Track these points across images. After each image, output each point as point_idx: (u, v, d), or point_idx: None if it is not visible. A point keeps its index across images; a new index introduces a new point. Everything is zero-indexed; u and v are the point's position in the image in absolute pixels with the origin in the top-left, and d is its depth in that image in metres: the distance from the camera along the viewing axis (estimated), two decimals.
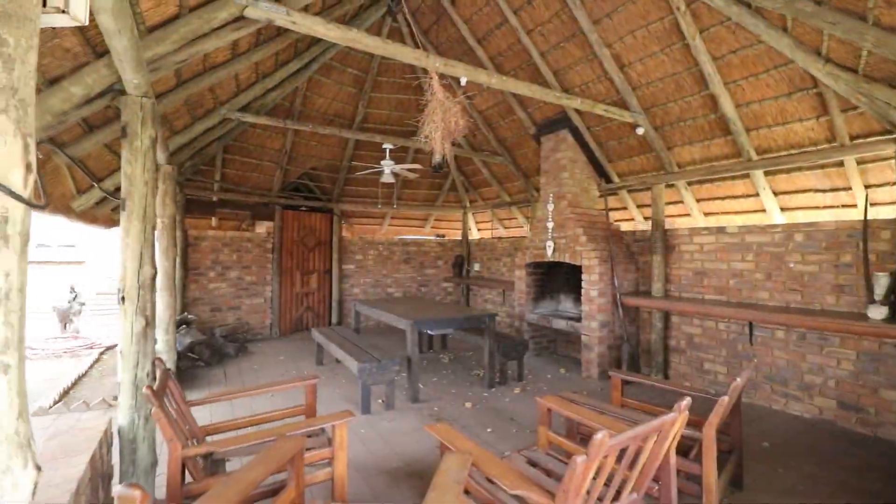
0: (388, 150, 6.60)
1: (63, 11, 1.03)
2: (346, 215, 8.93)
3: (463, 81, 4.08)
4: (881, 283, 3.56)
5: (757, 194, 5.00)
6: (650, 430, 1.83)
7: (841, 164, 4.23)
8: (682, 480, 2.43)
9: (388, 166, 6.33)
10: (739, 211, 5.32)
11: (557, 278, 6.73)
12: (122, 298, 2.49)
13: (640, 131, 5.39)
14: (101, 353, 6.03)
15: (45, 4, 0.94)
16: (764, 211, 5.05)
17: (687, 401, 1.95)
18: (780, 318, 4.01)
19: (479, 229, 10.00)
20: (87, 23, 1.06)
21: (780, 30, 3.74)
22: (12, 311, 0.74)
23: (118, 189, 4.55)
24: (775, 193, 4.89)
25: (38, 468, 0.80)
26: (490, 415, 4.21)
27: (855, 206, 4.35)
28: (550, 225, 6.12)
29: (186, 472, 2.18)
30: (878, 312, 3.49)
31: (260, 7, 2.98)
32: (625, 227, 6.64)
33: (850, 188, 4.31)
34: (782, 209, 4.92)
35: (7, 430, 0.70)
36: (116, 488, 1.19)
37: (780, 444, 3.59)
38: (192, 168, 6.65)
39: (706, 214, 5.71)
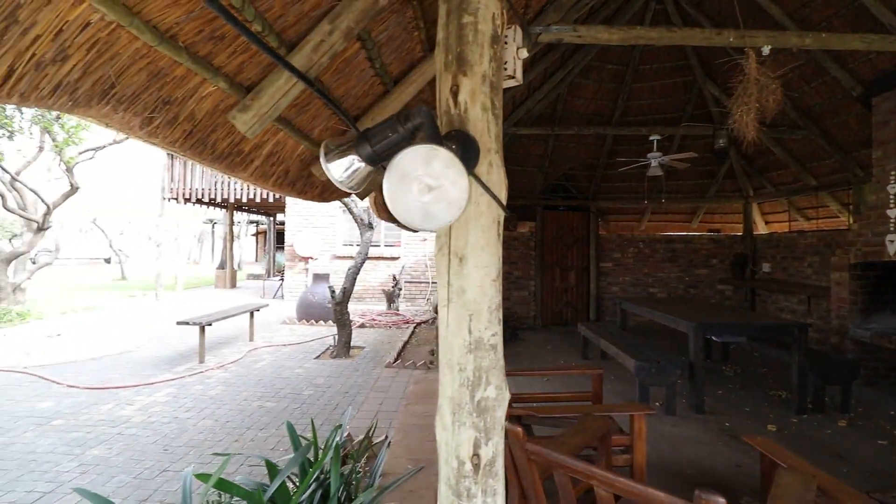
0: (655, 142, 6.25)
1: (512, 77, 1.50)
2: (602, 213, 8.85)
3: (765, 51, 3.53)
4: None
5: None
6: None
7: None
8: None
9: (655, 158, 6.01)
10: None
11: None
12: None
13: None
14: (415, 328, 7.80)
15: None
16: None
17: None
18: None
19: (766, 222, 8.35)
20: (522, 82, 1.53)
21: None
22: (498, 281, 1.12)
23: None
24: None
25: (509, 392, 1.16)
26: (804, 445, 3.54)
27: None
28: (893, 213, 4.63)
29: None
30: None
31: (551, 31, 3.33)
32: None
33: None
34: None
35: (500, 363, 1.08)
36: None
37: None
38: None
39: None
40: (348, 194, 3.42)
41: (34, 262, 9.97)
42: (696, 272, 8.47)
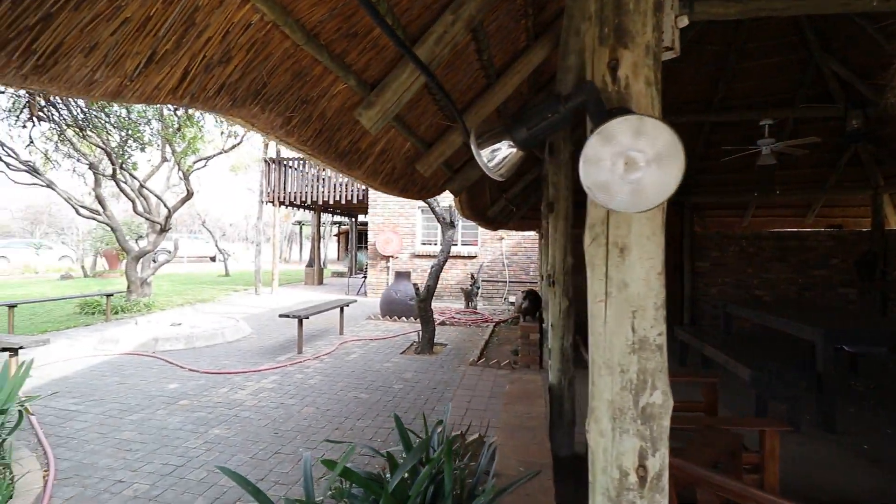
0: (766, 127, 5.62)
1: (670, 48, 1.40)
2: (698, 207, 8.16)
3: None
4: None
5: None
6: None
7: None
8: None
9: (766, 145, 5.40)
10: None
11: None
12: (553, 282, 3.10)
13: None
14: (495, 326, 7.73)
15: None
16: None
17: None
18: None
19: None
20: (679, 54, 1.43)
21: None
22: (663, 275, 1.02)
23: (511, 200, 5.71)
24: None
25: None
26: None
27: None
28: None
29: None
30: None
31: None
32: None
33: None
34: None
35: (665, 366, 0.98)
36: None
37: None
38: None
39: None
40: (439, 192, 3.43)
41: (155, 261, 11.28)
42: (811, 273, 7.52)
